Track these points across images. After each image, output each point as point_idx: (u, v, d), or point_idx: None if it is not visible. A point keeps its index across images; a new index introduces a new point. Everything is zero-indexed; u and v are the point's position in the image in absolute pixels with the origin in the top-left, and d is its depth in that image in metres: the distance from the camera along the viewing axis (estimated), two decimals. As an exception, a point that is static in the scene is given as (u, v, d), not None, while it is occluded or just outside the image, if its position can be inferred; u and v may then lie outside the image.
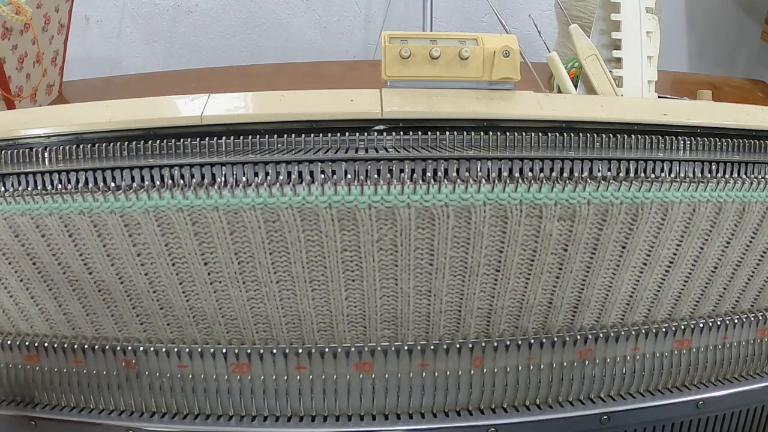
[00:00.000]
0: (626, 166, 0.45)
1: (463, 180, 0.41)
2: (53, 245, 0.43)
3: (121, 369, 0.47)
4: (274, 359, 0.46)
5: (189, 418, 0.48)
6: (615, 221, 0.43)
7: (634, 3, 0.54)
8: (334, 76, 1.33)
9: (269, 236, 0.42)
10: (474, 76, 0.46)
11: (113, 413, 0.48)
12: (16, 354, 0.48)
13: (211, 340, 0.46)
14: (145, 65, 1.86)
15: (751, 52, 1.91)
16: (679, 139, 0.46)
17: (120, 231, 0.42)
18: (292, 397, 0.47)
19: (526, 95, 0.47)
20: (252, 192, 0.40)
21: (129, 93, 0.72)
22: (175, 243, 0.42)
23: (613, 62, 0.55)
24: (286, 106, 0.45)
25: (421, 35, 0.47)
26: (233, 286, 0.44)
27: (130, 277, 0.44)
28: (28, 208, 0.42)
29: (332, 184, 0.41)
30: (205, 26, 1.86)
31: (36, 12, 1.04)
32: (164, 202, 0.41)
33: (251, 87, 1.20)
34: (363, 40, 1.90)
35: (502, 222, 0.42)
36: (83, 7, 1.71)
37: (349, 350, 0.46)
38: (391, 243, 0.42)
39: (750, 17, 1.88)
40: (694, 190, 0.44)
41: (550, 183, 0.42)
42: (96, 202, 0.41)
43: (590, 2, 1.18)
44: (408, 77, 0.46)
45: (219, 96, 0.46)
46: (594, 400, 0.50)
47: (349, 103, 0.45)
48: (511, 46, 0.46)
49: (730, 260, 0.48)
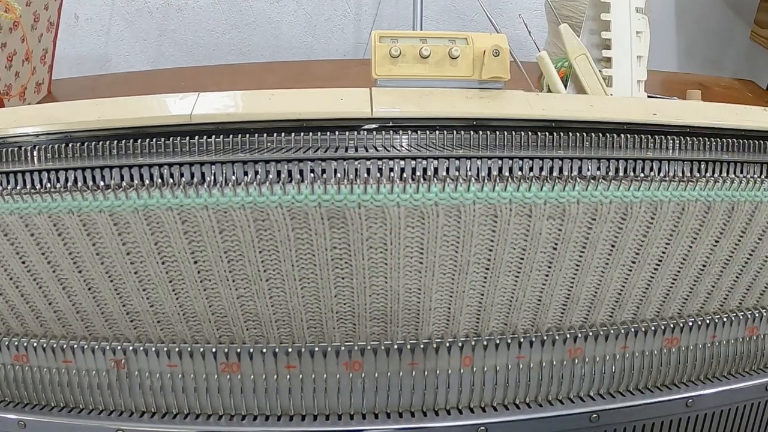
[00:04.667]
0: (615, 165, 0.45)
1: (452, 179, 0.41)
2: (42, 244, 0.43)
3: (111, 368, 0.47)
4: (263, 358, 0.46)
5: (179, 417, 0.47)
6: (604, 220, 0.43)
7: (624, 3, 0.54)
8: (323, 75, 1.33)
9: (259, 235, 0.42)
10: (464, 75, 0.46)
11: (103, 413, 0.48)
12: (5, 354, 0.48)
13: (200, 339, 0.46)
14: (134, 63, 1.86)
15: (740, 51, 1.92)
16: (669, 138, 0.47)
17: (109, 230, 0.42)
18: (281, 396, 0.47)
19: (515, 94, 0.47)
20: (241, 191, 0.40)
21: (118, 91, 0.71)
22: (165, 242, 0.42)
23: (602, 62, 0.55)
24: (275, 105, 0.45)
25: (411, 34, 0.47)
26: (223, 285, 0.44)
27: (120, 276, 0.44)
28: (17, 207, 0.41)
29: (322, 183, 0.41)
30: (194, 24, 1.85)
31: (25, 10, 1.04)
32: (153, 201, 0.41)
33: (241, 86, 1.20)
34: (353, 39, 1.89)
35: (491, 221, 0.42)
36: (72, 5, 1.70)
37: (339, 349, 0.46)
38: (380, 242, 0.42)
39: (739, 17, 1.88)
40: (683, 189, 0.44)
41: (539, 182, 0.42)
42: (85, 201, 0.41)
43: (580, 2, 1.18)
44: (398, 76, 0.46)
45: (208, 95, 0.46)
46: (583, 399, 0.50)
47: (338, 102, 0.45)
48: (501, 45, 0.46)
49: (718, 259, 0.48)
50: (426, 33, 0.48)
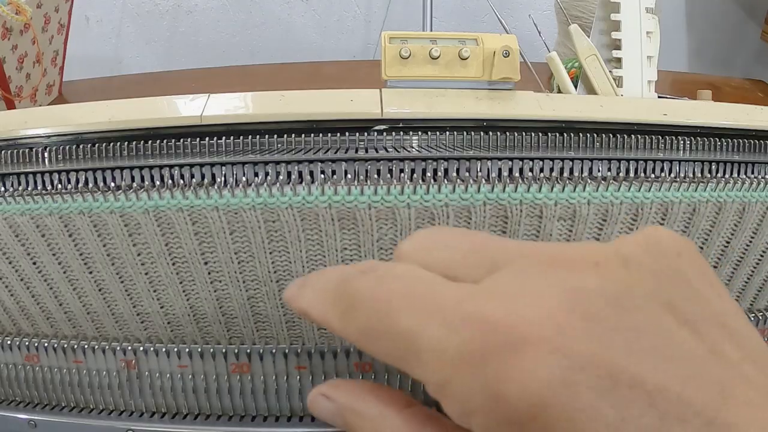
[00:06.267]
0: (626, 166, 0.45)
1: (462, 180, 0.41)
2: (53, 245, 0.43)
3: (122, 369, 0.47)
4: (274, 359, 0.46)
5: (189, 418, 0.48)
6: (615, 221, 0.43)
7: (634, 3, 0.54)
8: (333, 76, 1.33)
9: (269, 236, 0.42)
10: (474, 76, 0.46)
11: (113, 413, 0.48)
12: (16, 354, 0.48)
13: (211, 340, 0.46)
14: (144, 65, 1.87)
15: (750, 52, 1.91)
16: (679, 139, 0.46)
17: (120, 231, 0.42)
18: (292, 397, 0.47)
19: (525, 95, 0.47)
20: (252, 192, 0.40)
21: (129, 93, 0.72)
22: (175, 243, 0.42)
23: (612, 62, 0.55)
24: (286, 106, 0.45)
25: (421, 35, 0.47)
26: (233, 286, 0.44)
27: (130, 277, 0.44)
28: (28, 208, 0.42)
29: (332, 184, 0.41)
30: (205, 26, 1.86)
31: (36, 12, 1.05)
32: (164, 201, 0.41)
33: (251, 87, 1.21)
34: (363, 40, 1.90)
35: (502, 222, 0.42)
36: (83, 7, 1.71)
37: (350, 350, 0.46)
38: (391, 242, 0.42)
39: (750, 17, 1.88)
40: (694, 190, 0.44)
41: (550, 183, 0.42)
42: (96, 202, 0.41)
43: (590, 2, 1.18)
44: (408, 77, 0.46)
45: (219, 96, 0.46)
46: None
47: (349, 103, 0.45)
48: (511, 46, 0.46)
49: (729, 260, 0.48)
50: (436, 34, 0.48)
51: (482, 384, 0.22)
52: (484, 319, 0.23)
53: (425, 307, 0.24)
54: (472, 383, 0.23)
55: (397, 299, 0.25)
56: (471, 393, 0.23)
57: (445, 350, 0.23)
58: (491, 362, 0.22)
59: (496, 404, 0.22)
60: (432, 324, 0.24)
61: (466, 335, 0.23)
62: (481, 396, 0.22)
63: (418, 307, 0.25)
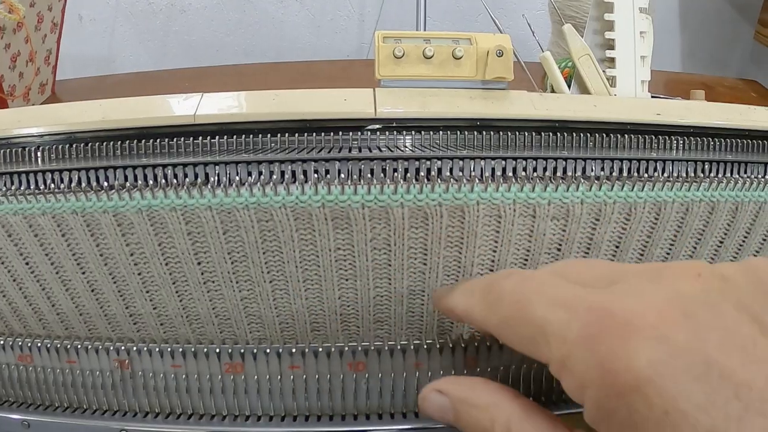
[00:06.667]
0: (619, 165, 0.45)
1: (456, 179, 0.41)
2: (46, 245, 0.43)
3: (115, 369, 0.47)
4: (267, 359, 0.46)
5: (183, 417, 0.47)
6: (608, 220, 0.43)
7: (628, 3, 0.54)
8: (327, 75, 1.33)
9: (262, 235, 0.42)
10: (467, 75, 0.46)
11: (107, 413, 0.48)
12: (9, 354, 0.48)
13: (204, 340, 0.46)
14: (138, 64, 1.86)
15: (744, 52, 1.92)
16: (673, 138, 0.47)
17: (113, 230, 0.42)
18: (285, 397, 0.47)
19: (519, 95, 0.47)
20: (245, 191, 0.40)
21: (122, 92, 0.72)
22: (168, 242, 0.42)
23: (606, 62, 0.55)
24: (279, 105, 0.45)
25: (415, 35, 0.47)
26: (226, 286, 0.44)
27: (123, 277, 0.44)
28: (21, 207, 0.41)
29: (325, 183, 0.41)
30: (198, 25, 1.86)
31: (29, 11, 1.04)
32: (157, 201, 0.41)
33: (245, 86, 1.20)
34: (356, 39, 1.90)
35: (495, 221, 0.42)
36: (76, 6, 1.71)
37: (343, 350, 0.46)
38: (384, 242, 0.42)
39: (743, 17, 1.88)
40: (687, 189, 0.44)
41: (543, 182, 0.42)
42: (89, 201, 0.41)
43: (583, 2, 1.18)
44: (401, 77, 0.46)
45: (212, 95, 0.46)
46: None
47: (342, 102, 0.45)
48: (505, 45, 0.46)
49: (723, 259, 0.48)
50: (429, 33, 0.48)
51: (597, 360, 0.27)
52: (602, 308, 0.28)
53: (556, 301, 0.30)
54: (589, 360, 0.27)
55: (535, 295, 0.31)
56: (587, 368, 0.27)
57: (569, 331, 0.28)
58: (605, 342, 0.27)
59: (607, 377, 0.26)
60: (560, 312, 0.29)
61: (586, 320, 0.28)
62: (595, 371, 0.27)
63: (551, 300, 0.30)
